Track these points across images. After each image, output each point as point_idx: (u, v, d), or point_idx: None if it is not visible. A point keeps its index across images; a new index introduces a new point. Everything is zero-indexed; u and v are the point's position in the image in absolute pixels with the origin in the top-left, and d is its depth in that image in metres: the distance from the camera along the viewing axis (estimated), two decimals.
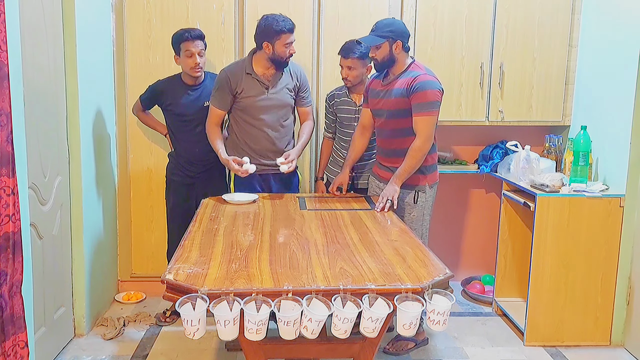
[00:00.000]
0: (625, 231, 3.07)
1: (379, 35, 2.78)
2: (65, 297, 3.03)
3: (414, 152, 2.79)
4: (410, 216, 2.94)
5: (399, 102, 2.80)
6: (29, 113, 2.43)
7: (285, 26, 2.96)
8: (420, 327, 3.04)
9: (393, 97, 2.82)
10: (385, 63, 2.83)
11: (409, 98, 2.76)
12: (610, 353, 3.12)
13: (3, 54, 2.04)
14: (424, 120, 2.75)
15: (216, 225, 2.47)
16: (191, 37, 3.08)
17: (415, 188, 2.91)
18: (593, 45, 3.41)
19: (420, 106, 2.74)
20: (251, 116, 3.09)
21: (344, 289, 1.76)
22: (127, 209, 3.68)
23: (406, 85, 2.77)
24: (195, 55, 3.08)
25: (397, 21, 2.88)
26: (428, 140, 2.78)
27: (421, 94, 2.72)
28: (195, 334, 1.70)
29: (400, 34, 2.79)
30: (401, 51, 2.81)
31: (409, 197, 2.92)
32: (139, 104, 3.34)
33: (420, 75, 2.76)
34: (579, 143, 3.13)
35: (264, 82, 3.08)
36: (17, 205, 2.14)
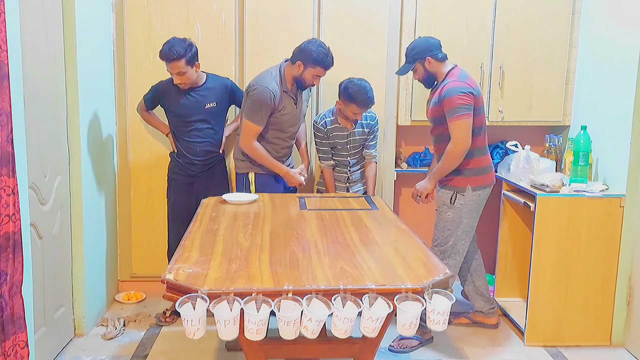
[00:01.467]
0: (625, 231, 3.07)
1: (408, 62, 3.00)
2: (65, 297, 3.03)
3: (447, 154, 2.90)
4: (445, 216, 3.00)
5: (434, 111, 2.96)
6: (29, 113, 2.43)
7: (325, 63, 3.01)
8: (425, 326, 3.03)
9: (432, 105, 2.99)
10: (428, 80, 3.02)
11: (441, 106, 2.88)
12: (611, 353, 3.12)
13: (3, 53, 2.04)
14: (453, 125, 2.84)
15: (216, 225, 2.47)
16: (166, 59, 3.04)
17: (454, 189, 2.97)
18: (593, 45, 3.41)
19: (450, 112, 2.84)
20: (281, 130, 3.16)
21: (344, 289, 1.76)
22: (127, 209, 3.68)
23: (438, 94, 2.91)
24: (176, 75, 3.08)
25: (419, 40, 3.02)
26: (460, 143, 2.85)
27: (448, 100, 2.83)
28: (195, 334, 1.70)
29: (426, 51, 2.94)
30: (435, 64, 2.95)
31: (446, 196, 3.00)
32: (143, 103, 3.35)
33: (449, 82, 2.87)
34: (579, 143, 3.13)
35: (293, 98, 3.15)
36: (17, 205, 2.14)
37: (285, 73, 3.09)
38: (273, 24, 3.47)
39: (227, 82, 3.35)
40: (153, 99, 3.30)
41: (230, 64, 3.54)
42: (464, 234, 3.01)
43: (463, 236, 3.01)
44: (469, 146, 2.87)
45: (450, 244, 3.01)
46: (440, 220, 3.03)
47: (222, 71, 3.49)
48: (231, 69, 3.54)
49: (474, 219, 3.03)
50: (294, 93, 3.15)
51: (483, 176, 2.99)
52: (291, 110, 3.14)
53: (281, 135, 3.19)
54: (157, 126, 3.43)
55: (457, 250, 3.03)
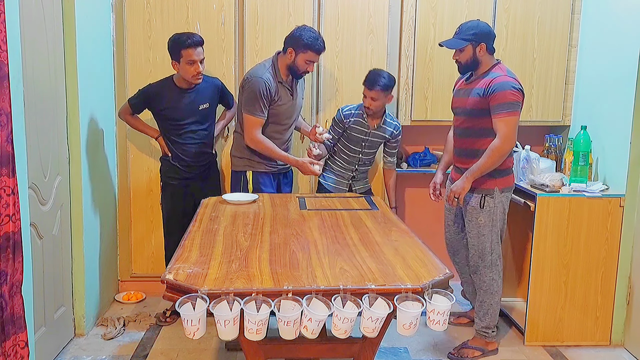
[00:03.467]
0: (625, 231, 3.07)
1: (462, 39, 2.79)
2: (65, 297, 3.03)
3: (492, 151, 2.74)
4: (477, 221, 2.89)
5: (476, 102, 2.79)
6: (29, 113, 2.43)
7: (316, 46, 2.99)
8: (491, 336, 3.02)
9: (471, 96, 2.82)
10: (469, 65, 2.84)
11: (488, 99, 2.74)
12: (610, 353, 3.12)
13: (3, 54, 2.04)
14: (504, 120, 2.71)
15: (216, 225, 2.47)
16: (193, 44, 2.98)
17: (482, 192, 2.85)
18: (593, 45, 3.41)
19: (499, 107, 2.71)
20: (278, 123, 3.15)
21: (344, 289, 1.76)
22: (127, 209, 3.68)
23: (485, 85, 2.76)
24: (198, 62, 3.02)
25: (481, 23, 2.84)
26: (507, 140, 2.73)
27: (500, 94, 2.70)
28: (195, 333, 1.70)
29: (484, 36, 2.78)
30: (485, 53, 2.81)
31: (475, 200, 2.87)
32: (128, 107, 3.25)
33: (500, 76, 2.75)
34: (579, 143, 3.13)
35: (289, 89, 3.14)
36: (17, 205, 2.14)
37: (279, 64, 3.09)
38: (273, 24, 3.48)
39: (217, 82, 3.33)
40: (142, 103, 3.20)
41: (230, 63, 3.54)
42: (497, 237, 2.92)
43: (497, 239, 2.93)
44: (514, 145, 2.78)
45: (488, 250, 2.91)
46: (473, 227, 2.91)
47: (222, 71, 3.50)
48: (231, 69, 3.54)
49: (503, 221, 2.93)
50: (290, 84, 3.14)
51: (509, 177, 2.90)
52: (287, 101, 3.13)
53: (279, 128, 3.17)
54: (144, 130, 3.32)
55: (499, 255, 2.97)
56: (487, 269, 2.95)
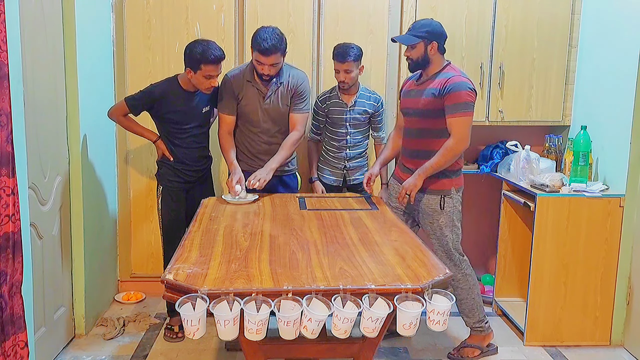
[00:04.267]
0: (625, 231, 3.07)
1: (415, 35, 2.76)
2: (65, 297, 3.03)
3: (446, 150, 2.73)
4: (439, 222, 2.86)
5: (430, 102, 2.77)
6: (29, 113, 2.43)
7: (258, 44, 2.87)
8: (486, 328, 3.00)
9: (425, 96, 2.79)
10: (420, 63, 2.81)
11: (442, 99, 2.72)
12: (610, 353, 3.12)
13: (3, 54, 2.04)
14: (459, 120, 2.70)
15: (216, 225, 2.47)
16: (216, 61, 2.88)
17: (441, 193, 2.84)
18: (593, 45, 3.41)
19: (454, 107, 2.70)
20: (249, 123, 3.11)
21: (344, 289, 1.76)
22: (127, 209, 3.68)
23: (439, 85, 2.74)
24: (215, 78, 2.95)
25: (434, 22, 2.83)
26: (462, 140, 2.73)
27: (455, 94, 2.69)
28: (195, 333, 1.70)
29: (437, 35, 2.76)
30: (436, 52, 2.79)
31: (434, 202, 2.85)
32: (124, 107, 3.04)
33: (455, 76, 2.73)
34: (579, 143, 3.13)
35: (262, 91, 3.06)
36: (17, 205, 2.14)
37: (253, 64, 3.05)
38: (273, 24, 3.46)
39: None
40: (144, 104, 3.03)
41: (230, 64, 3.53)
42: (458, 236, 2.92)
43: (458, 238, 2.93)
44: (468, 145, 2.77)
45: (452, 250, 2.90)
46: (435, 229, 2.87)
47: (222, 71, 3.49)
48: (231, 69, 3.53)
49: (460, 220, 2.93)
50: (263, 86, 3.05)
51: (461, 177, 2.91)
52: (254, 102, 3.06)
53: (251, 129, 3.12)
54: (141, 133, 3.14)
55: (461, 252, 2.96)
56: (456, 267, 2.92)
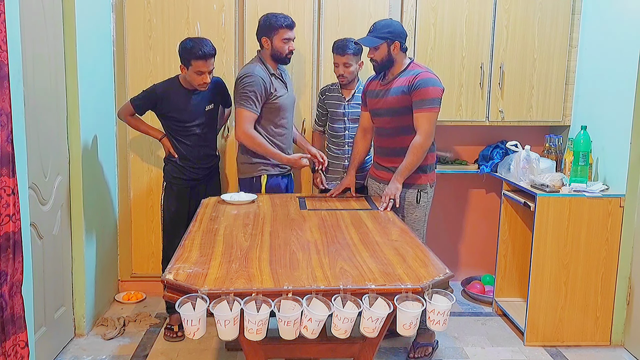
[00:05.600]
0: (625, 231, 3.07)
1: (376, 37, 2.78)
2: (65, 297, 3.03)
3: (415, 148, 2.76)
4: (412, 216, 2.90)
5: (399, 100, 2.79)
6: (29, 113, 2.43)
7: (284, 22, 3.04)
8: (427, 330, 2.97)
9: (394, 95, 2.82)
10: (384, 64, 2.83)
11: (410, 95, 2.75)
12: (610, 353, 3.12)
13: (3, 54, 2.04)
14: (425, 116, 2.74)
15: (216, 225, 2.47)
16: (205, 57, 2.92)
17: (417, 187, 2.88)
18: (593, 45, 3.41)
19: (421, 102, 2.73)
20: (280, 116, 3.16)
21: (344, 289, 1.76)
22: (127, 209, 3.68)
23: (407, 82, 2.77)
24: (206, 74, 2.98)
25: (394, 22, 2.88)
26: (429, 136, 2.77)
27: (423, 90, 2.72)
28: (195, 333, 1.70)
29: (398, 35, 2.79)
30: (399, 52, 2.81)
31: (411, 196, 2.88)
32: (130, 107, 3.14)
33: (422, 72, 2.77)
34: (579, 143, 3.13)
35: (282, 81, 3.17)
36: (17, 205, 2.14)
37: (264, 58, 3.11)
38: None
39: (219, 80, 3.27)
40: (147, 103, 3.10)
41: (230, 64, 3.54)
42: (425, 231, 2.96)
43: (425, 233, 2.96)
44: (432, 140, 2.82)
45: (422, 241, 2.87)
46: (410, 222, 2.88)
47: (222, 71, 3.49)
48: (231, 69, 3.54)
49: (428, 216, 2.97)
50: (281, 76, 3.17)
51: (434, 172, 2.96)
52: (284, 92, 3.15)
53: (282, 122, 3.17)
54: (147, 131, 3.23)
55: None
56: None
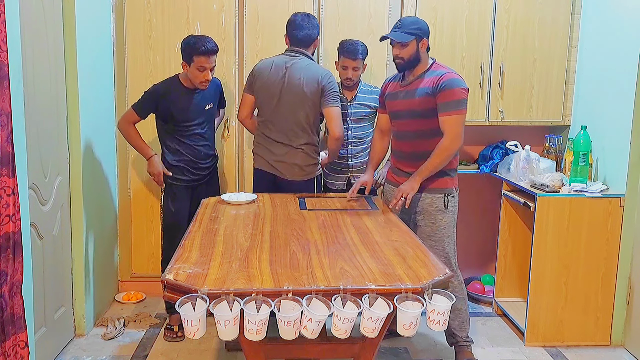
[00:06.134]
0: (625, 231, 3.07)
1: (406, 32, 2.65)
2: (65, 297, 3.03)
3: (441, 150, 2.65)
4: (442, 222, 2.77)
5: (423, 102, 2.68)
6: (29, 113, 2.43)
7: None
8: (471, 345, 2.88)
9: (417, 96, 2.70)
10: (411, 62, 2.71)
11: (435, 97, 2.65)
12: (610, 353, 3.12)
13: (3, 54, 2.04)
14: (453, 119, 2.63)
15: (216, 225, 2.47)
16: (207, 53, 2.92)
17: (444, 192, 2.75)
18: (593, 45, 3.41)
19: (448, 105, 2.62)
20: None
21: (344, 289, 1.76)
22: (127, 209, 3.68)
23: (432, 84, 2.66)
24: (208, 70, 2.97)
25: (421, 19, 2.76)
26: (456, 139, 2.65)
27: (449, 92, 2.61)
28: (195, 334, 1.70)
29: (426, 32, 2.69)
30: (424, 50, 2.72)
31: (438, 201, 2.75)
32: (132, 114, 3.10)
33: (447, 73, 2.66)
34: (579, 143, 3.13)
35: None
36: (17, 205, 2.14)
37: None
38: (273, 24, 3.48)
39: (217, 81, 3.26)
40: (150, 104, 3.07)
41: (230, 64, 3.54)
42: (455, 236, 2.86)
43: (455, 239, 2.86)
44: (462, 144, 2.71)
45: (452, 253, 2.81)
46: (437, 230, 2.76)
47: (222, 71, 3.50)
48: (231, 69, 3.54)
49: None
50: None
51: (457, 177, 2.86)
52: None
53: None
54: (141, 146, 3.15)
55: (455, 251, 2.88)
56: (454, 273, 2.73)
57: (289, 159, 3.12)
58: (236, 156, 3.65)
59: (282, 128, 3.10)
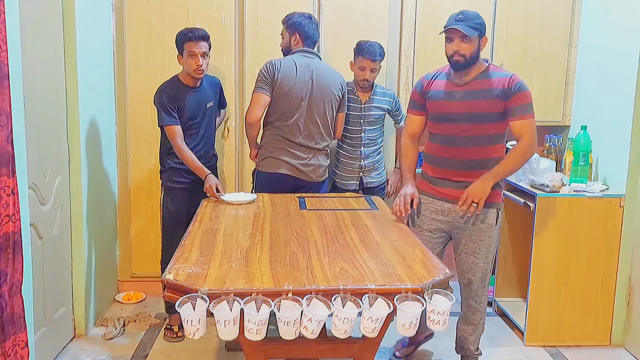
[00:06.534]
0: (625, 231, 3.07)
1: (471, 27, 2.41)
2: (65, 297, 3.03)
3: (520, 154, 2.46)
4: (490, 239, 2.57)
5: (492, 105, 2.46)
6: (29, 113, 2.43)
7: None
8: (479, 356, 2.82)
9: (483, 98, 2.47)
10: (471, 60, 2.46)
11: (507, 100, 2.45)
12: (610, 353, 3.12)
13: (3, 54, 2.04)
14: (530, 122, 2.45)
15: (216, 225, 2.47)
16: (195, 38, 2.97)
17: (497, 206, 2.56)
18: (593, 45, 3.41)
19: (524, 108, 2.45)
20: None
21: (344, 289, 1.76)
22: (127, 209, 3.68)
23: (502, 85, 2.45)
24: (198, 56, 2.98)
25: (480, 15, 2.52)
26: (535, 143, 2.47)
27: (523, 94, 2.45)
28: (195, 334, 1.69)
29: (485, 30, 2.48)
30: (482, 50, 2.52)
31: (491, 217, 2.55)
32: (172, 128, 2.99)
33: (515, 75, 2.49)
34: (579, 143, 3.13)
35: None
36: (17, 205, 2.14)
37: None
38: (273, 24, 3.47)
39: (217, 80, 3.28)
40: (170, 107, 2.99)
41: (230, 64, 3.54)
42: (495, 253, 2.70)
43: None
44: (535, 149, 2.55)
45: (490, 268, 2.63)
46: (484, 247, 2.56)
47: (222, 71, 3.50)
48: (231, 69, 3.54)
49: None
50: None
51: None
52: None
53: None
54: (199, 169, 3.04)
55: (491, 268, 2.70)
56: (484, 289, 2.69)
57: (316, 161, 3.13)
58: (236, 156, 3.65)
59: (310, 131, 3.06)
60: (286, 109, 3.02)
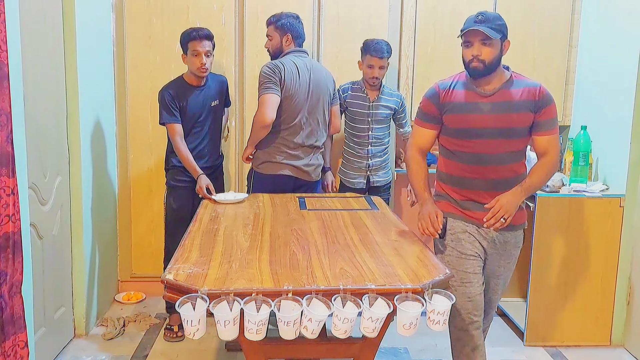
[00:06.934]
0: (625, 231, 3.07)
1: (493, 28, 2.18)
2: (65, 297, 3.03)
3: (550, 169, 2.27)
4: (515, 260, 2.41)
5: (523, 118, 2.22)
6: (29, 113, 2.43)
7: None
8: None
9: (515, 111, 2.22)
10: (492, 66, 2.20)
11: (538, 113, 2.22)
12: (610, 353, 3.12)
13: (3, 54, 2.04)
14: (557, 138, 2.27)
15: (216, 225, 2.47)
16: (198, 37, 3.01)
17: (523, 227, 2.40)
18: (593, 45, 3.41)
19: (553, 122, 2.23)
20: None
21: (344, 289, 1.76)
22: (127, 209, 3.68)
23: (532, 97, 2.21)
24: (202, 55, 3.01)
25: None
26: (559, 159, 2.33)
27: (552, 107, 2.22)
28: (195, 334, 1.69)
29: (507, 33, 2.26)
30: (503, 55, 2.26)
31: (519, 238, 2.38)
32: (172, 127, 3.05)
33: (541, 85, 2.25)
34: (579, 143, 3.13)
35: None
36: (17, 205, 2.14)
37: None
38: None
39: (223, 79, 3.30)
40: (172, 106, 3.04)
41: (230, 64, 3.54)
42: None
43: None
44: None
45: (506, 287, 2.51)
46: (509, 269, 2.40)
47: (222, 71, 3.50)
48: (231, 69, 3.54)
49: None
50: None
51: None
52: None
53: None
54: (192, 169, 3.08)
55: None
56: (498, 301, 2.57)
57: (315, 160, 3.16)
58: (236, 156, 3.65)
59: (312, 130, 3.08)
60: (290, 110, 3.01)
